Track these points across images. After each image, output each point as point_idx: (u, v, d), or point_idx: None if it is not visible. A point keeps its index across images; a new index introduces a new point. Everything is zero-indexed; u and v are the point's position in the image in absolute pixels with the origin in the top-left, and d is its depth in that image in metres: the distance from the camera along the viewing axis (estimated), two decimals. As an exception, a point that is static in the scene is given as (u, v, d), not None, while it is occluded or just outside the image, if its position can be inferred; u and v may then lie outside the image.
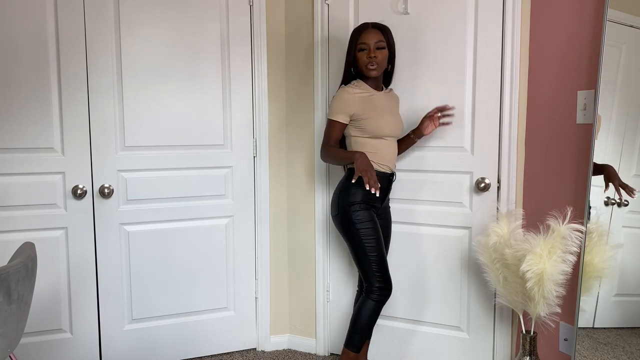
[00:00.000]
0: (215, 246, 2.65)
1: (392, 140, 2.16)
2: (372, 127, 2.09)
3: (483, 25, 2.23)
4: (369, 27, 2.10)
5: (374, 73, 2.08)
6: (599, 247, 1.92)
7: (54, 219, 2.35)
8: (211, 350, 2.69)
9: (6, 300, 1.47)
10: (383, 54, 2.09)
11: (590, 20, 1.95)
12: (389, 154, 2.14)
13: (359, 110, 2.08)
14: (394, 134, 2.15)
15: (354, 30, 2.13)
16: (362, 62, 2.09)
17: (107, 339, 2.49)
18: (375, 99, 2.12)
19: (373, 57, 2.06)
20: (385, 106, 2.14)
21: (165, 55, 2.47)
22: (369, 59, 2.06)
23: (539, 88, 2.17)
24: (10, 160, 2.27)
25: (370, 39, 2.08)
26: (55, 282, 2.38)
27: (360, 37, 2.09)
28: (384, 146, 2.13)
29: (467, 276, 2.36)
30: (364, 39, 2.08)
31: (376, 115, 2.09)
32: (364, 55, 2.08)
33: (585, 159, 1.97)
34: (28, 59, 2.26)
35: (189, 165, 2.55)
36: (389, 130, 2.12)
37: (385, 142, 2.13)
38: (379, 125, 2.09)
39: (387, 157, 2.14)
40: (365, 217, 2.08)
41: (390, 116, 2.13)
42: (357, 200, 2.08)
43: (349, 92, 2.09)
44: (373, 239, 2.07)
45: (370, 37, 2.08)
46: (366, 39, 2.08)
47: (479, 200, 2.30)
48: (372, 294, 2.07)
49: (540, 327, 2.13)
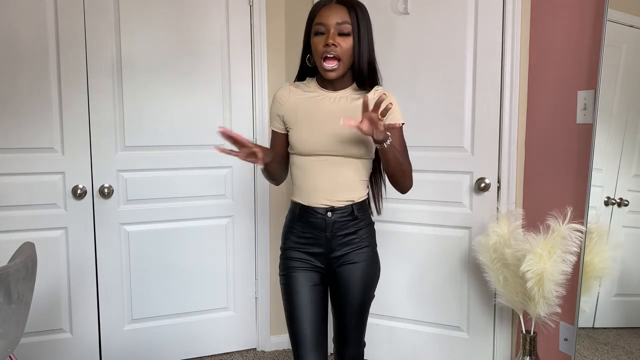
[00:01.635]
0: (215, 246, 2.65)
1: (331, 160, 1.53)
2: (292, 139, 1.57)
3: (483, 25, 2.23)
4: (332, 2, 1.49)
5: (332, 74, 1.48)
6: (599, 247, 1.91)
7: (54, 219, 2.35)
8: (211, 350, 2.69)
9: (6, 300, 1.47)
10: (347, 43, 1.47)
11: (590, 20, 1.95)
12: (322, 179, 1.54)
13: (289, 116, 1.58)
14: (323, 150, 1.52)
15: (313, 5, 1.54)
16: (317, 53, 1.48)
17: (107, 339, 2.49)
18: (318, 102, 1.56)
19: (331, 44, 1.45)
20: (327, 112, 1.53)
21: (165, 55, 2.47)
22: (326, 47, 1.45)
23: (539, 88, 2.17)
24: (10, 160, 2.27)
25: (330, 17, 1.46)
26: (55, 282, 2.38)
27: (317, 14, 1.49)
28: (312, 167, 1.54)
29: (467, 276, 2.36)
30: (321, 18, 1.47)
31: (300, 124, 1.55)
32: (319, 42, 1.47)
33: (585, 158, 1.97)
34: (28, 59, 2.26)
35: (188, 165, 2.55)
36: (311, 144, 1.52)
37: (314, 162, 1.54)
38: (298, 136, 1.55)
39: (318, 184, 1.54)
40: (280, 266, 1.63)
41: (320, 125, 1.52)
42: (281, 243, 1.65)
43: (282, 92, 1.61)
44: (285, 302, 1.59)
45: (331, 16, 1.46)
46: (325, 17, 1.46)
47: (479, 200, 2.30)
48: None
49: (540, 327, 2.13)
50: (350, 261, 1.57)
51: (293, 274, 1.57)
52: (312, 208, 1.55)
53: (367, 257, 1.59)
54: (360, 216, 1.58)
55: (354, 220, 1.57)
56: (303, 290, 1.56)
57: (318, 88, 1.58)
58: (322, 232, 1.56)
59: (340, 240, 1.56)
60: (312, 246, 1.58)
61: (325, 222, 1.55)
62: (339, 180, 1.54)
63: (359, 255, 1.58)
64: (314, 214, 1.56)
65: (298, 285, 1.56)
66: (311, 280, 1.57)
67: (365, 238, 1.60)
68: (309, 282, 1.57)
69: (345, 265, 1.57)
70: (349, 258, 1.57)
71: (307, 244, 1.58)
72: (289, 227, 1.62)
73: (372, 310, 2.54)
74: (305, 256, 1.58)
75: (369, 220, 1.63)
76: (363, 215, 1.60)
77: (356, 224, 1.58)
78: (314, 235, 1.57)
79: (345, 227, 1.56)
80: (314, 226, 1.56)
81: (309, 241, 1.58)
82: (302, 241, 1.59)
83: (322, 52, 1.46)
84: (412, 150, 2.39)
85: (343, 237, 1.57)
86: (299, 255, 1.59)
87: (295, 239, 1.60)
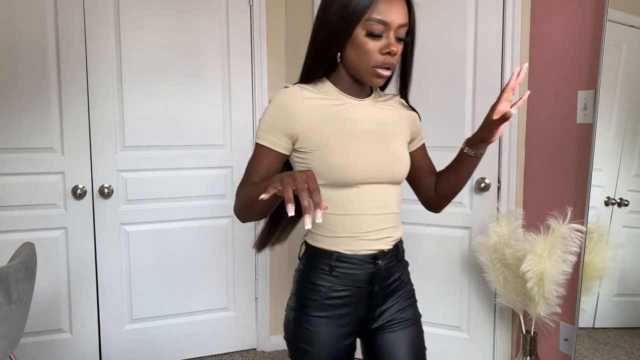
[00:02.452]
0: (215, 246, 2.65)
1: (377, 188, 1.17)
2: (323, 166, 1.12)
3: (483, 25, 2.23)
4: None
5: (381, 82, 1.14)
6: (599, 247, 1.91)
7: (54, 219, 2.35)
8: (211, 350, 2.69)
9: (6, 300, 1.47)
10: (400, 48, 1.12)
11: (590, 20, 1.95)
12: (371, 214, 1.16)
13: (308, 135, 1.12)
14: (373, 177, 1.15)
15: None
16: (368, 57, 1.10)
17: (107, 339, 2.49)
18: (345, 112, 1.16)
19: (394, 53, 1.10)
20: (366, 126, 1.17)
21: (165, 55, 2.47)
22: (386, 55, 1.10)
23: (539, 88, 2.17)
24: (10, 160, 2.27)
25: (395, 16, 1.08)
26: (55, 282, 2.38)
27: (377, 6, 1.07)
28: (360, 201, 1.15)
29: (467, 276, 2.36)
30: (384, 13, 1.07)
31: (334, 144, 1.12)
32: (376, 47, 1.09)
33: (585, 159, 1.97)
34: (28, 59, 2.26)
35: (188, 165, 2.55)
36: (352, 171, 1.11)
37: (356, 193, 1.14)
38: (335, 162, 1.11)
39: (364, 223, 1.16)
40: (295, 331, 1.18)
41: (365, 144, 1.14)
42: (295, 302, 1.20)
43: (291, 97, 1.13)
44: None
45: (396, 15, 1.08)
46: (388, 13, 1.08)
47: (479, 200, 2.30)
48: None
49: (541, 327, 2.13)
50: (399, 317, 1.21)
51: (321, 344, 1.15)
52: (357, 257, 1.15)
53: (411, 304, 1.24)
54: (401, 256, 1.26)
55: (398, 263, 1.23)
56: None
57: (341, 94, 1.18)
58: (367, 286, 1.17)
59: (386, 291, 1.20)
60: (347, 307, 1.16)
61: (373, 273, 1.16)
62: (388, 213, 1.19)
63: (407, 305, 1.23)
64: (359, 264, 1.15)
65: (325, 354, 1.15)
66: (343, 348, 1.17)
67: (407, 282, 1.26)
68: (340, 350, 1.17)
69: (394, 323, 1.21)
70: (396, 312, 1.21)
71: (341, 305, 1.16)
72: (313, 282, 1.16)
73: (372, 310, 2.55)
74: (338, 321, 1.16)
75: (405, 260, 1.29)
76: (403, 254, 1.27)
77: (400, 267, 1.24)
78: (353, 292, 1.16)
79: (392, 273, 1.21)
80: (356, 280, 1.16)
81: (344, 301, 1.16)
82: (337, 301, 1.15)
83: (382, 61, 1.09)
84: (412, 150, 2.40)
85: (389, 287, 1.21)
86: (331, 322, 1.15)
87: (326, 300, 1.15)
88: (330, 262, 1.15)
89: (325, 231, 1.16)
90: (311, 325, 1.15)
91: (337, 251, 1.15)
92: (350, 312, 1.16)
